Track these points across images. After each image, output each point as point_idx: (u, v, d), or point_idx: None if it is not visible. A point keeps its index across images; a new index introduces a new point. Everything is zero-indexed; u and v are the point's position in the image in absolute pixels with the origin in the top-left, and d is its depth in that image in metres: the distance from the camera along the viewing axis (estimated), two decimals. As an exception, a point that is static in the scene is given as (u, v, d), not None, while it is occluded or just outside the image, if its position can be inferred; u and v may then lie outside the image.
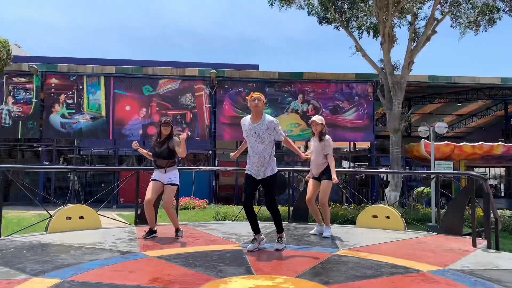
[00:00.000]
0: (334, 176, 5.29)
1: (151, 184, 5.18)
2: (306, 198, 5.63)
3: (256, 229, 4.55)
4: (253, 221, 4.52)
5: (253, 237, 4.56)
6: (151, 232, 5.21)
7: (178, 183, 5.30)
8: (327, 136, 5.46)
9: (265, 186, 4.53)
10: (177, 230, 5.32)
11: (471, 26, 14.53)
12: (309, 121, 5.61)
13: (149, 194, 5.09)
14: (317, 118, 5.47)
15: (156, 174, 5.23)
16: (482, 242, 5.07)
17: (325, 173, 5.42)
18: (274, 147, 4.54)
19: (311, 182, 5.64)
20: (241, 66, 21.55)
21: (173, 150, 5.14)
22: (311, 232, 5.71)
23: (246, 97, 4.63)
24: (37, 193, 15.14)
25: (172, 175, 5.21)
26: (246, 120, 4.53)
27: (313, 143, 5.56)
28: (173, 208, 5.41)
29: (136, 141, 5.42)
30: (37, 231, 6.22)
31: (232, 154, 4.97)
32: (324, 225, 5.61)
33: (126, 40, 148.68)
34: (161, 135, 5.15)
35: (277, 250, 4.46)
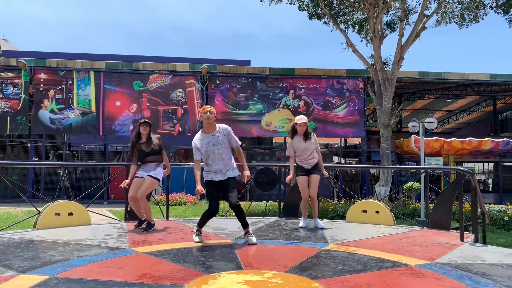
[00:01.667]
0: (324, 171, 5.85)
1: (134, 181, 5.40)
2: (305, 197, 5.77)
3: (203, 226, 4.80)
4: (206, 221, 4.76)
5: (197, 229, 4.73)
6: (141, 222, 5.48)
7: (160, 179, 5.53)
8: (312, 133, 5.89)
9: (227, 186, 4.61)
10: (145, 221, 5.45)
11: (455, 20, 14.62)
12: (299, 122, 5.68)
13: (131, 191, 5.36)
14: (305, 119, 5.75)
15: (142, 171, 5.44)
16: (469, 236, 5.14)
17: (317, 167, 5.78)
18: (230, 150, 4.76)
19: (304, 180, 5.75)
20: (232, 61, 21.48)
21: (160, 146, 5.45)
22: (300, 224, 5.86)
23: (200, 108, 4.73)
24: (26, 190, 14.99)
25: (157, 170, 5.45)
26: (198, 137, 4.64)
27: (298, 141, 5.76)
28: (150, 201, 5.76)
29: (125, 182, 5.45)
30: (26, 228, 6.17)
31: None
32: (313, 218, 5.87)
33: (117, 35, 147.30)
34: (141, 135, 5.39)
35: (253, 244, 4.50)
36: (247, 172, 4.69)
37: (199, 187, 4.44)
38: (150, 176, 5.34)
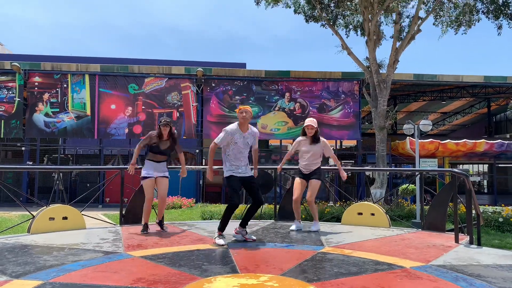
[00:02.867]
0: (344, 174, 5.77)
1: (149, 182, 5.42)
2: (295, 197, 5.72)
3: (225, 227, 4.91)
4: (229, 218, 4.86)
5: (218, 234, 4.77)
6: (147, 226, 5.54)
7: None
8: (322, 138, 5.77)
9: (253, 184, 4.90)
10: (161, 222, 5.72)
11: (452, 25, 14.72)
12: (306, 124, 5.69)
13: (151, 194, 5.44)
14: (312, 122, 5.68)
15: (152, 170, 5.48)
16: (464, 238, 5.16)
17: (316, 173, 5.70)
18: None
19: (298, 181, 5.73)
20: (228, 64, 21.51)
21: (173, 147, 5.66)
22: (291, 228, 5.84)
23: (238, 108, 5.10)
24: (20, 194, 14.87)
25: (166, 168, 5.69)
26: (233, 129, 4.86)
27: (305, 144, 5.73)
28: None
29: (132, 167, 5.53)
30: (20, 233, 6.13)
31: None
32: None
33: (112, 38, 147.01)
34: (162, 135, 5.49)
35: (254, 240, 4.89)
36: (256, 172, 5.19)
37: (211, 174, 4.86)
38: (165, 176, 5.59)
